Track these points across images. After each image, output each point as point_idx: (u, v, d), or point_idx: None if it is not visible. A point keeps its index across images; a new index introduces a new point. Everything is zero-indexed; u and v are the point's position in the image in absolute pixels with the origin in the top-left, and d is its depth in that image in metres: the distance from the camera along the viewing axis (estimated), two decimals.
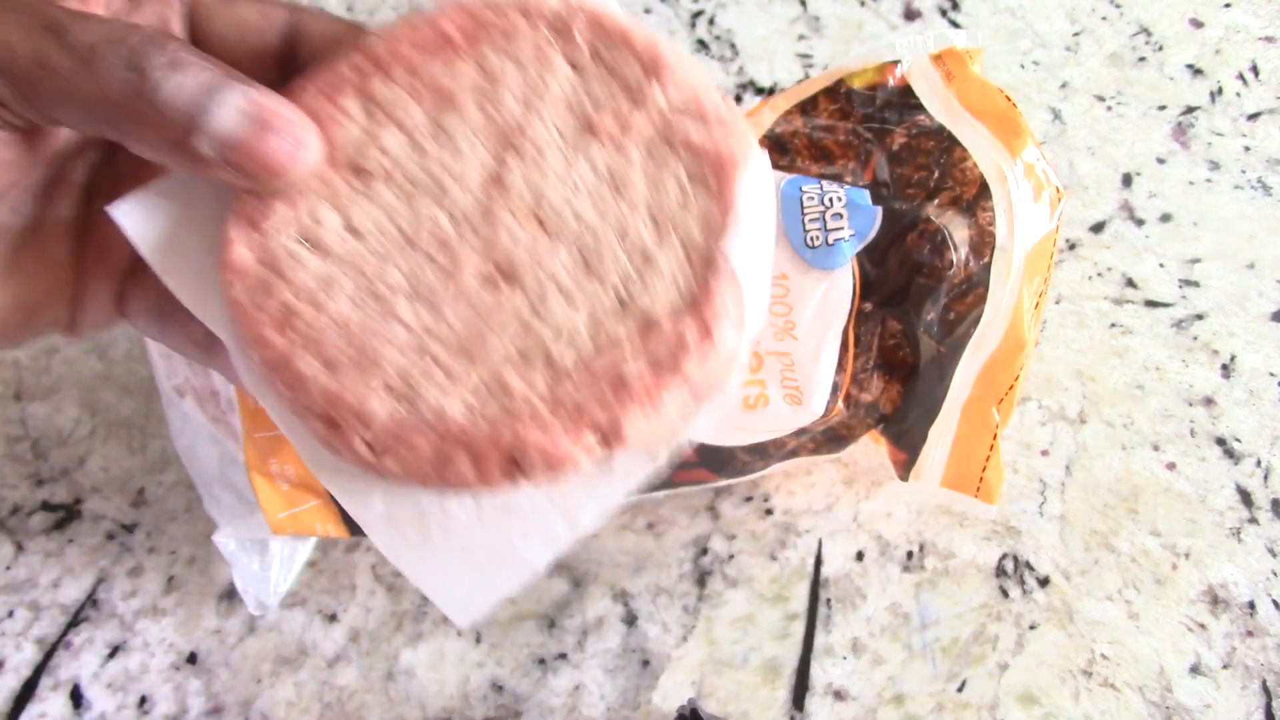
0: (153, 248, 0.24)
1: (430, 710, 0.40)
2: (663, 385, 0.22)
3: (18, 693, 0.41)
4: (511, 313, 0.23)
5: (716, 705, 0.40)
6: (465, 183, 0.23)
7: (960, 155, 0.37)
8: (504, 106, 0.24)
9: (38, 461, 0.46)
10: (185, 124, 0.20)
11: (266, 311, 0.23)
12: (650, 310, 0.22)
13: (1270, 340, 0.46)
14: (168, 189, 0.24)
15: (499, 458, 0.22)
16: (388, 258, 0.23)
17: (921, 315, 0.37)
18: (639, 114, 0.23)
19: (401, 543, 0.24)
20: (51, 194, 0.25)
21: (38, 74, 0.20)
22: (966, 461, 0.39)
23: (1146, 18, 0.55)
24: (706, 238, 0.23)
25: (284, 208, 0.23)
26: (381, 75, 0.24)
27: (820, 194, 0.36)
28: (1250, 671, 0.40)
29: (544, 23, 0.24)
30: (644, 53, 0.24)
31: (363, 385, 0.22)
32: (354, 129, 0.24)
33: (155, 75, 0.20)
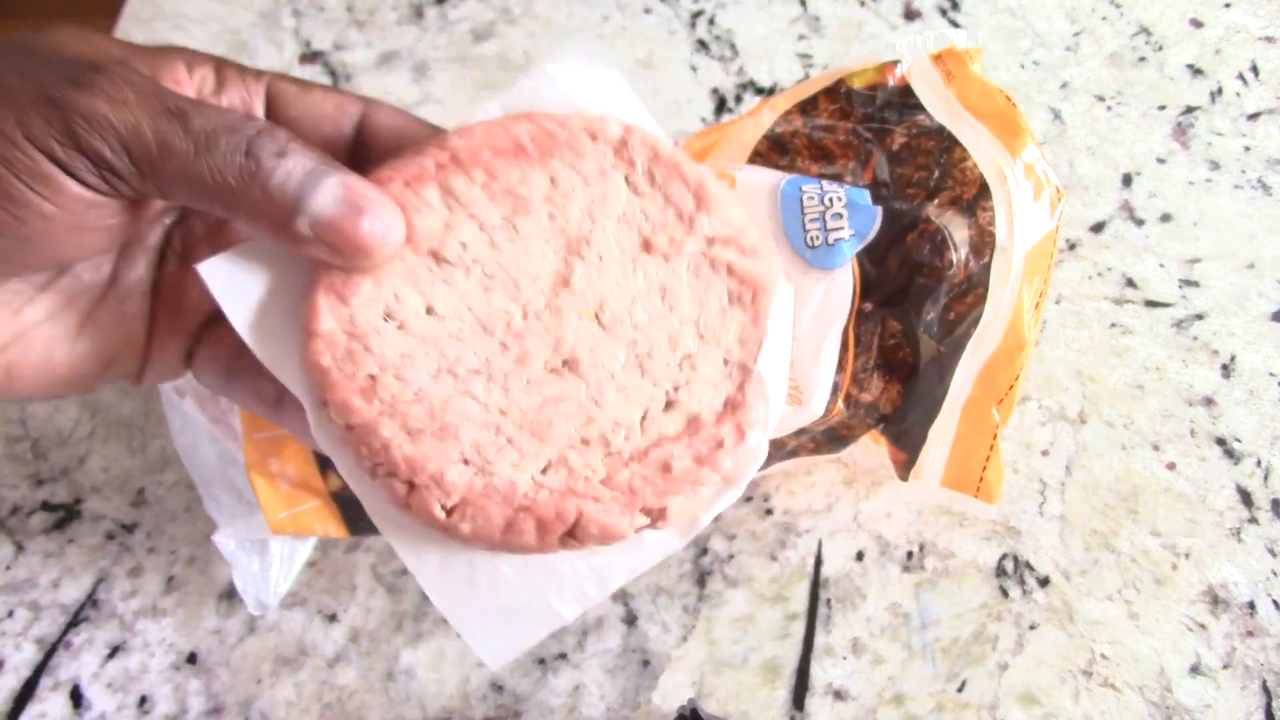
0: (234, 307, 0.26)
1: (430, 710, 0.40)
2: (703, 477, 0.25)
3: (18, 693, 0.41)
4: (575, 402, 0.26)
5: (716, 705, 0.40)
6: (536, 281, 0.26)
7: (960, 155, 0.37)
8: (571, 216, 0.27)
9: (38, 461, 0.46)
10: (290, 207, 0.23)
11: (353, 380, 0.25)
12: (695, 412, 0.26)
13: (1270, 340, 0.46)
14: (251, 253, 0.26)
15: (560, 529, 0.25)
16: (465, 341, 0.26)
17: (921, 315, 0.37)
18: (690, 238, 0.27)
19: (450, 592, 0.26)
20: (129, 255, 0.27)
21: (161, 155, 0.22)
22: (966, 461, 0.39)
23: (1146, 18, 0.55)
24: (743, 351, 0.26)
25: (369, 285, 0.25)
26: (463, 174, 0.26)
27: (820, 194, 0.36)
28: (1250, 671, 0.40)
29: (609, 146, 0.27)
30: (694, 184, 0.27)
31: (442, 455, 0.25)
32: (435, 219, 0.26)
33: (267, 163, 0.22)
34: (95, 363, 0.27)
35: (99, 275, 0.27)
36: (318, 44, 0.56)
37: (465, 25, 0.57)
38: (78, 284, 0.26)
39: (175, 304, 0.28)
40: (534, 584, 0.27)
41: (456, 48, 0.56)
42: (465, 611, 0.26)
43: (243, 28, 0.57)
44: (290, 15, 0.57)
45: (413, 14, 0.57)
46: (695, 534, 0.27)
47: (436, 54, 0.56)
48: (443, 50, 0.56)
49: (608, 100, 0.28)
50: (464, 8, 0.57)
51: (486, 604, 0.26)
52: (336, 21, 0.57)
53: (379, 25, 0.57)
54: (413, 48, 0.56)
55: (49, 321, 0.26)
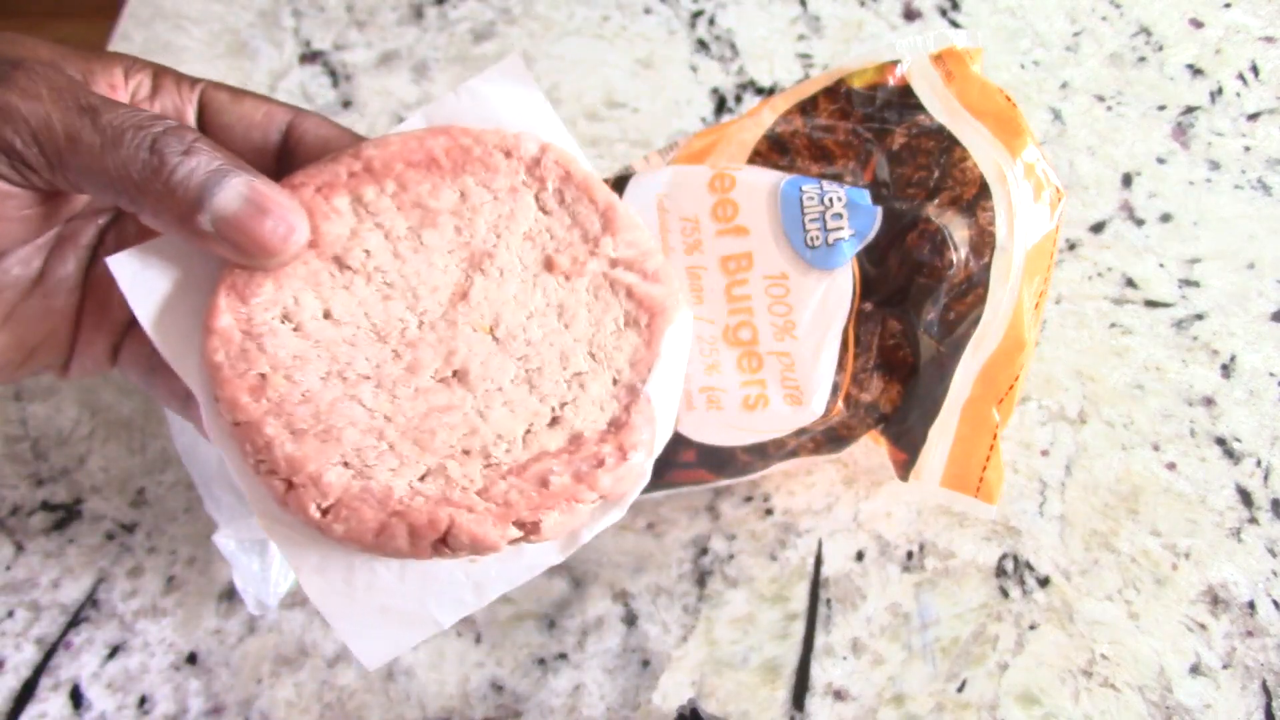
0: (141, 301, 0.26)
1: (430, 710, 0.40)
2: (580, 494, 0.26)
3: (18, 693, 0.41)
4: (460, 413, 0.26)
5: (716, 705, 0.40)
6: (435, 292, 0.27)
7: (960, 155, 0.37)
8: (477, 231, 0.27)
9: (38, 461, 0.46)
10: (192, 203, 0.23)
11: (244, 377, 0.26)
12: (579, 429, 0.26)
13: (1270, 340, 0.46)
14: (161, 250, 0.27)
15: (432, 536, 0.25)
16: (358, 346, 0.26)
17: (921, 315, 0.37)
18: (593, 259, 0.27)
19: (328, 591, 0.27)
20: (61, 252, 0.28)
21: (69, 147, 0.23)
22: (966, 461, 0.39)
23: (1146, 18, 0.55)
24: (633, 373, 0.27)
25: (270, 286, 0.26)
26: (374, 183, 0.27)
27: (820, 194, 0.36)
28: (1250, 671, 0.40)
29: (521, 164, 0.28)
30: (602, 206, 0.28)
31: (323, 456, 0.25)
32: (342, 226, 0.27)
33: (171, 159, 0.23)
34: (18, 353, 0.27)
35: (28, 270, 0.28)
36: (318, 44, 0.56)
37: (465, 25, 0.57)
38: (5, 278, 0.27)
39: (102, 302, 0.29)
40: (411, 588, 0.27)
41: (456, 48, 0.56)
42: (343, 610, 0.27)
43: (242, 27, 0.57)
44: (290, 15, 0.57)
45: (413, 14, 0.57)
46: (574, 549, 0.27)
47: (436, 54, 0.56)
48: (443, 50, 0.56)
49: (530, 119, 0.29)
50: (464, 8, 0.57)
51: (364, 605, 0.27)
52: (336, 21, 0.57)
53: (379, 25, 0.57)
54: (413, 48, 0.56)
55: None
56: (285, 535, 0.27)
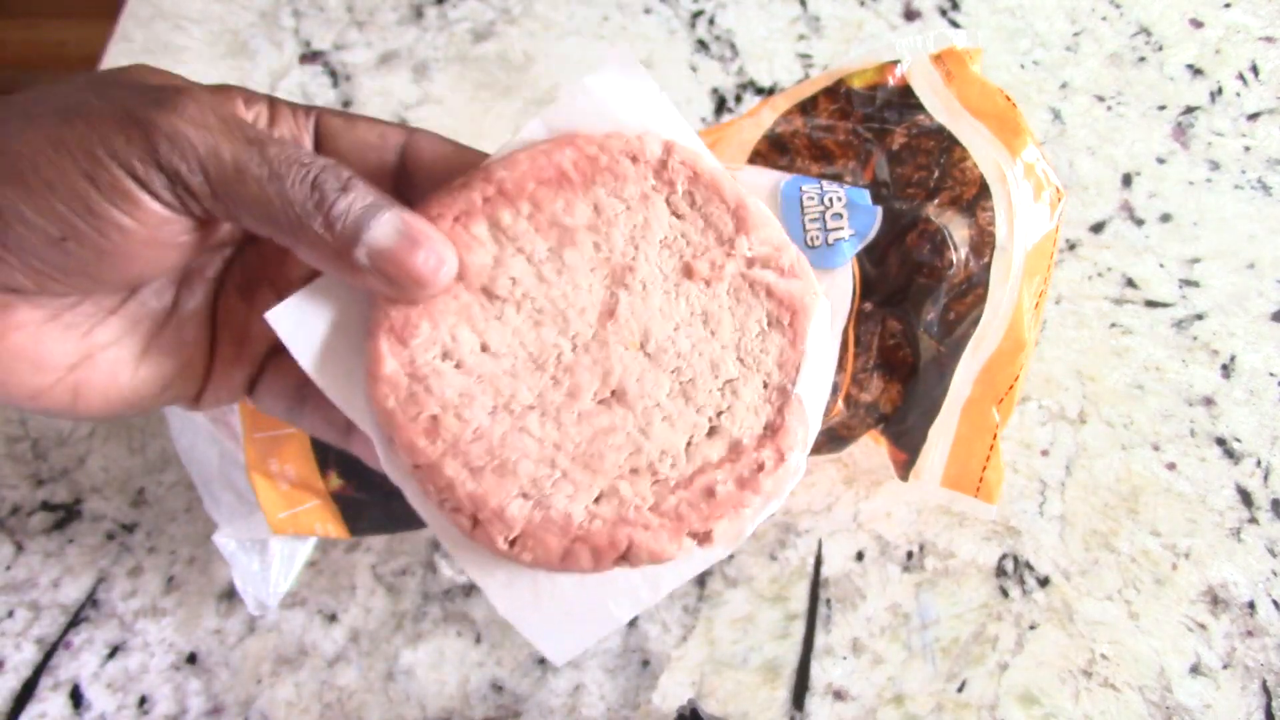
0: (302, 350, 0.27)
1: (430, 710, 0.40)
2: (745, 499, 0.27)
3: (18, 693, 0.41)
4: (624, 433, 0.27)
5: (716, 705, 0.40)
6: (583, 314, 0.27)
7: (960, 155, 0.37)
8: (615, 245, 0.27)
9: (38, 461, 0.46)
10: (350, 238, 0.24)
11: (417, 422, 0.26)
12: (737, 436, 0.27)
13: (1270, 340, 0.46)
14: (313, 296, 0.27)
15: (613, 554, 0.26)
16: (519, 376, 0.27)
17: (921, 315, 0.37)
18: (730, 261, 0.27)
19: (516, 603, 0.28)
20: (189, 285, 0.29)
21: (236, 178, 0.23)
22: (966, 461, 0.39)
23: (1146, 18, 0.55)
24: (782, 375, 0.27)
25: (427, 325, 0.27)
26: (509, 206, 0.27)
27: (820, 194, 0.36)
28: (1250, 671, 0.40)
29: (649, 168, 0.28)
30: (734, 204, 0.28)
31: (503, 491, 0.26)
32: (485, 255, 0.27)
33: (331, 195, 0.24)
34: (155, 385, 0.28)
35: (162, 302, 0.28)
36: (318, 44, 0.56)
37: (465, 25, 0.57)
38: (142, 309, 0.28)
39: (238, 334, 0.29)
40: (592, 592, 0.28)
41: (456, 48, 0.56)
42: (530, 619, 0.28)
43: (242, 27, 0.57)
44: (290, 15, 0.57)
45: (413, 14, 0.57)
46: (740, 542, 0.28)
47: (436, 54, 0.56)
48: (443, 50, 0.56)
49: (646, 113, 0.28)
50: (464, 8, 0.57)
51: (549, 612, 0.28)
52: (336, 21, 0.57)
53: (379, 25, 0.57)
54: (413, 48, 0.56)
55: (115, 344, 0.27)
56: (472, 560, 0.28)
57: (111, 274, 0.25)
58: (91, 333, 0.26)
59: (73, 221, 0.23)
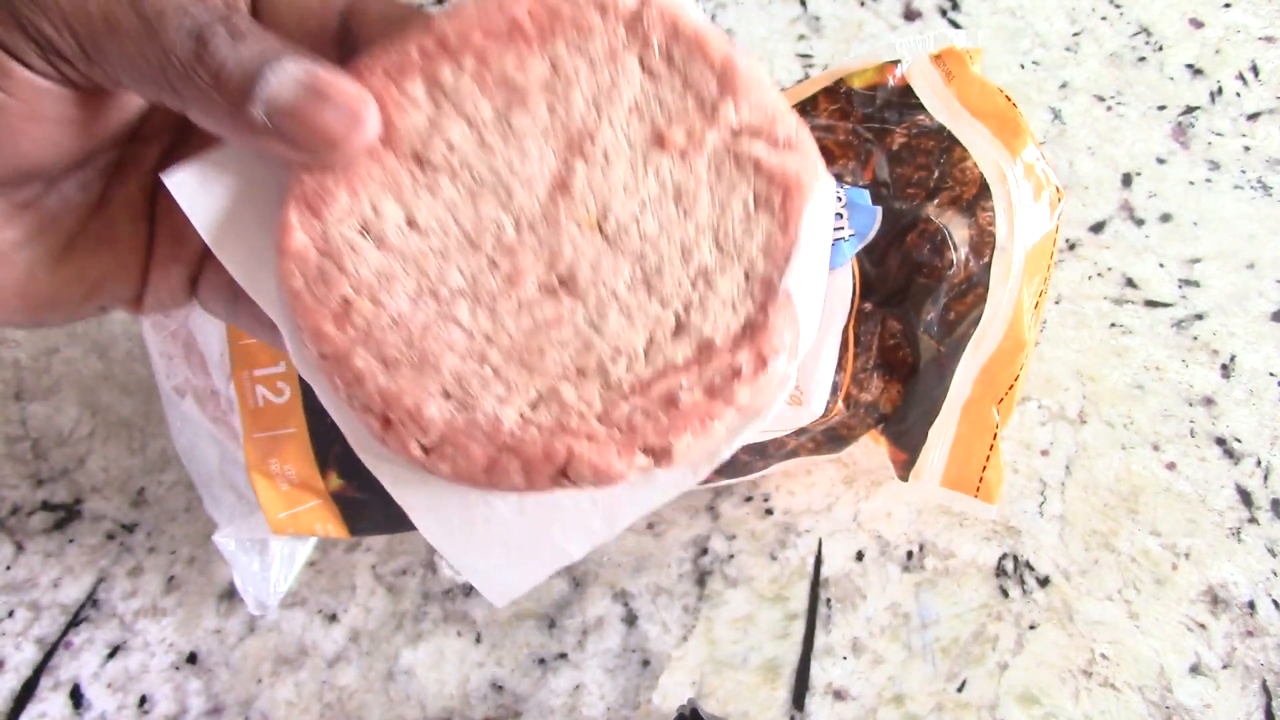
0: (207, 221, 0.24)
1: (430, 710, 0.40)
2: (715, 411, 0.22)
3: (18, 693, 0.41)
4: (571, 326, 0.23)
5: (716, 705, 0.40)
6: (531, 186, 0.23)
7: (960, 155, 0.37)
8: (574, 108, 0.23)
9: (38, 461, 0.46)
10: (241, 90, 0.21)
11: (326, 304, 0.23)
12: (709, 336, 0.23)
13: (1270, 340, 0.46)
14: (226, 161, 0.24)
15: (550, 469, 0.22)
16: (449, 257, 0.23)
17: (921, 315, 0.37)
18: (711, 130, 0.23)
19: (445, 530, 0.24)
20: (122, 174, 0.26)
21: (105, 33, 0.21)
22: (966, 461, 0.39)
23: (1146, 18, 0.55)
24: (768, 264, 0.23)
25: (345, 195, 0.23)
26: (451, 62, 0.23)
27: None
28: (1250, 671, 0.40)
29: (621, 21, 0.23)
30: (719, 64, 0.23)
31: (420, 388, 0.23)
32: (419, 117, 0.23)
33: (216, 43, 0.21)
34: (81, 285, 0.25)
35: (87, 195, 0.25)
36: None
37: None
38: (64, 203, 0.25)
39: (176, 229, 0.26)
40: (534, 521, 0.24)
41: None
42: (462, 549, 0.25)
43: None
44: None
45: None
46: (714, 467, 0.24)
47: None
48: None
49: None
50: None
51: (484, 541, 0.24)
52: None
53: None
54: None
55: (30, 241, 0.24)
56: (390, 473, 0.24)
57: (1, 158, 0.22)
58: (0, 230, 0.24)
59: None
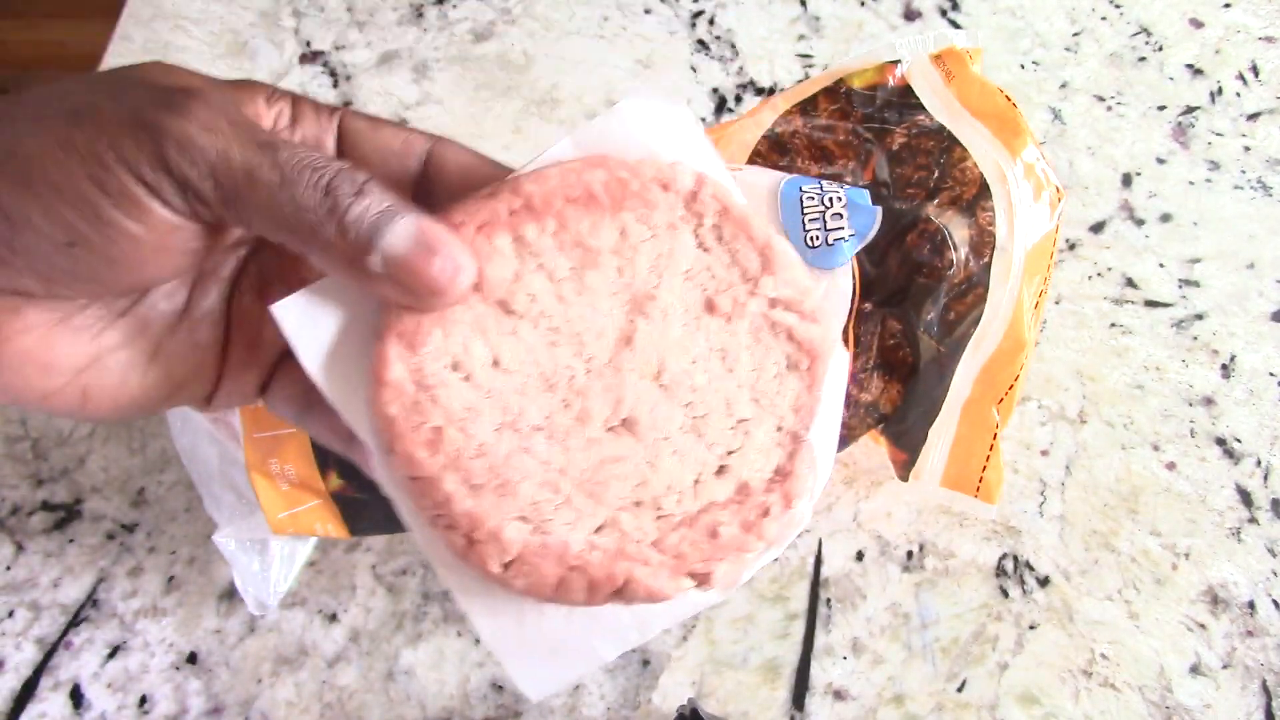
0: (306, 347, 0.26)
1: (430, 710, 0.40)
2: (748, 545, 0.26)
3: (18, 693, 0.41)
4: (631, 464, 0.26)
5: (716, 705, 0.40)
6: (600, 338, 0.26)
7: (960, 155, 0.37)
8: (638, 271, 0.27)
9: (38, 461, 0.46)
10: (364, 244, 0.23)
11: (418, 431, 0.25)
12: (746, 479, 0.26)
13: (1270, 340, 0.46)
14: (324, 293, 0.26)
15: (610, 589, 0.25)
16: (528, 396, 0.26)
17: (921, 315, 0.37)
18: (753, 300, 0.27)
19: (499, 631, 0.27)
20: (203, 285, 0.28)
21: (245, 183, 0.23)
22: (966, 461, 0.39)
23: (1146, 18, 0.55)
24: (796, 420, 0.26)
25: (439, 334, 0.26)
26: (535, 221, 0.26)
27: (820, 194, 0.36)
28: (1250, 671, 0.40)
29: (679, 198, 0.27)
30: (761, 244, 0.27)
31: (501, 512, 0.25)
32: (505, 268, 0.26)
33: (344, 200, 0.23)
34: (166, 388, 0.27)
35: (173, 304, 0.27)
36: (318, 44, 0.56)
37: (465, 25, 0.57)
38: (153, 312, 0.27)
39: (251, 336, 0.29)
40: (578, 627, 0.27)
41: (456, 48, 0.56)
42: (512, 650, 0.27)
43: (243, 28, 0.57)
44: (290, 15, 0.57)
45: (413, 14, 0.57)
46: (735, 588, 0.27)
47: (436, 54, 0.56)
48: (443, 50, 0.56)
49: (679, 144, 0.28)
50: (464, 8, 0.57)
51: (532, 644, 0.27)
52: (336, 21, 0.57)
53: (379, 25, 0.57)
54: (413, 48, 0.56)
55: (125, 347, 0.26)
56: (457, 581, 0.27)
57: (121, 279, 0.24)
58: (100, 335, 0.26)
59: (80, 228, 0.23)
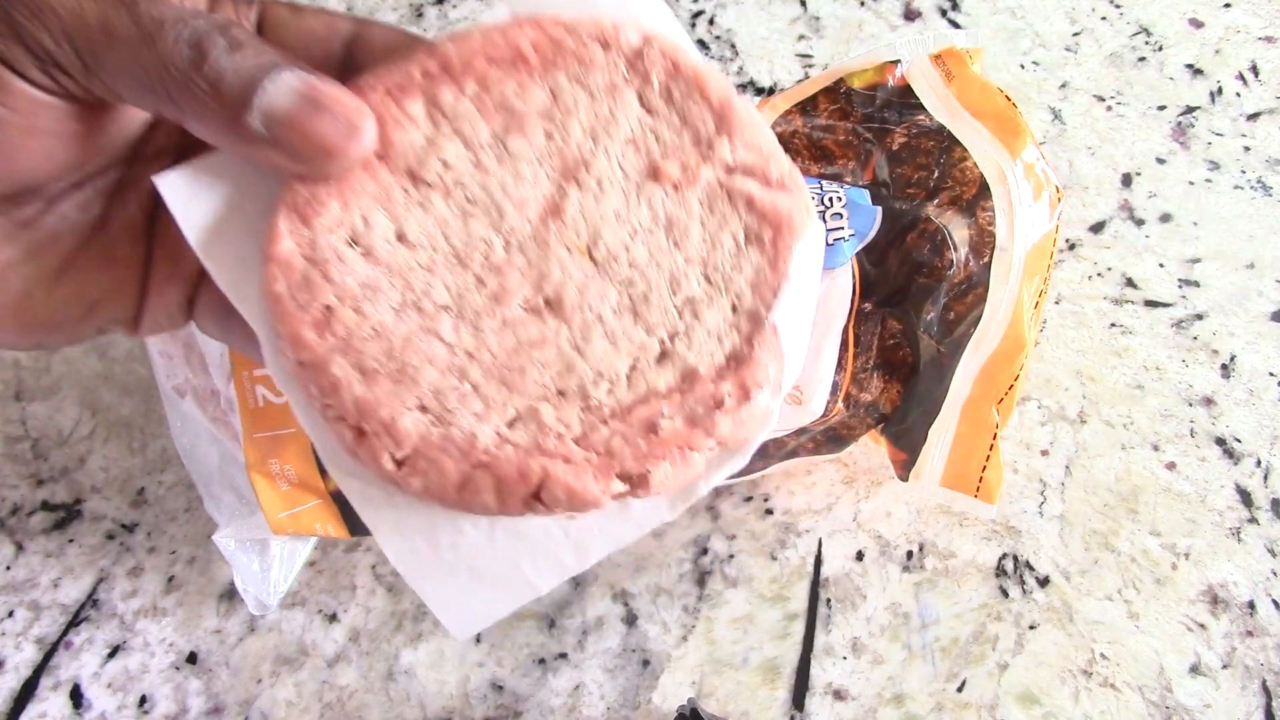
0: (194, 225, 0.24)
1: (430, 710, 0.40)
2: (695, 442, 0.22)
3: (18, 693, 0.41)
4: (554, 348, 0.23)
5: (716, 705, 0.40)
6: (523, 208, 0.23)
7: (960, 155, 0.37)
8: (571, 136, 0.24)
9: (38, 461, 0.46)
10: (239, 100, 0.21)
11: (307, 310, 0.23)
12: (693, 365, 0.23)
13: (1270, 340, 0.46)
14: (218, 167, 0.24)
15: (524, 490, 0.22)
16: (436, 272, 0.23)
17: (921, 315, 0.37)
18: (705, 166, 0.24)
19: (410, 553, 0.24)
20: (122, 195, 0.26)
21: (103, 42, 0.20)
22: (966, 461, 0.39)
23: (1146, 18, 0.55)
24: (756, 299, 0.23)
25: (336, 205, 0.23)
26: (452, 84, 0.24)
27: (820, 194, 0.36)
28: (1250, 671, 0.40)
29: (622, 57, 0.24)
30: (717, 103, 0.24)
31: (397, 400, 0.22)
32: (417, 135, 0.23)
33: (214, 53, 0.21)
34: (79, 306, 0.25)
35: (86, 215, 0.25)
36: None
37: (465, 25, 0.57)
38: (61, 223, 0.25)
39: (174, 250, 0.26)
40: (502, 549, 0.24)
41: None
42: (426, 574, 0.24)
43: None
44: None
45: (412, 14, 0.57)
46: (690, 503, 0.24)
47: None
48: None
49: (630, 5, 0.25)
50: (464, 8, 0.57)
51: (450, 568, 0.24)
52: None
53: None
54: None
55: (27, 261, 0.24)
56: (358, 489, 0.24)
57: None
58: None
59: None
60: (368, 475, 0.23)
